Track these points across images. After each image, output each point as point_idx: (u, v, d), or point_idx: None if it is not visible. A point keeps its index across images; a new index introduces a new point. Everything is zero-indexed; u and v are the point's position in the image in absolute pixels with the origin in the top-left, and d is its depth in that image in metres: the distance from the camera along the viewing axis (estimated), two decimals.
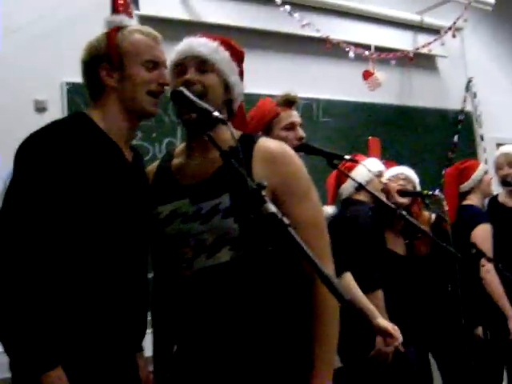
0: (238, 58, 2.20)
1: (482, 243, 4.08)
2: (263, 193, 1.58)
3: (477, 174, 4.39)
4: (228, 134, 1.88)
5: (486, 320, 4.07)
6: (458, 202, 4.39)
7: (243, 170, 1.68)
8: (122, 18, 2.18)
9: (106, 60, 2.08)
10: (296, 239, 1.48)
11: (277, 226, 1.51)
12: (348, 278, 3.41)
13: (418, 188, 4.09)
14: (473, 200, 4.37)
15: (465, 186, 4.39)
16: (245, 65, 2.27)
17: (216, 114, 1.83)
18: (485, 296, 4.09)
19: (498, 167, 4.55)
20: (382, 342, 3.45)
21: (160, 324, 2.30)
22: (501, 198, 4.65)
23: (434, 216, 4.14)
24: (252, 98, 2.90)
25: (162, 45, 2.17)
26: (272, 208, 1.54)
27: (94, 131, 2.04)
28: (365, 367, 3.59)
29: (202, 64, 2.08)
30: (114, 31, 2.11)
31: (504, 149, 4.70)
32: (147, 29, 2.17)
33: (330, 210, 3.83)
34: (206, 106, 1.86)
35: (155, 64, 2.11)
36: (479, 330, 4.06)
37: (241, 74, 2.21)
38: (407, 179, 4.04)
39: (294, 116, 3.06)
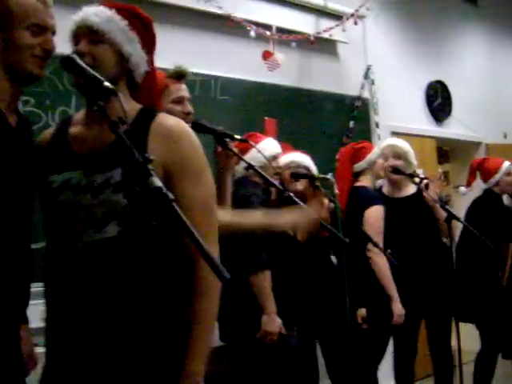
0: (141, 25, 2.12)
1: (373, 224, 4.17)
2: (150, 166, 1.56)
3: (371, 156, 4.45)
4: (129, 106, 1.85)
5: (370, 302, 4.17)
6: (350, 182, 4.44)
7: (130, 143, 1.65)
8: None
9: None
10: (180, 215, 1.46)
11: (161, 200, 1.49)
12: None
13: (314, 170, 4.11)
14: (365, 181, 4.44)
15: (358, 166, 4.46)
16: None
17: (106, 84, 1.78)
18: (371, 278, 4.18)
19: (384, 158, 4.61)
20: (268, 322, 3.48)
21: (51, 295, 2.23)
22: (384, 189, 4.76)
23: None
24: None
25: (51, 9, 2.09)
26: (157, 182, 1.52)
27: None
28: (247, 347, 3.62)
29: (93, 34, 2.01)
30: None
31: (390, 141, 4.87)
32: None
33: None
34: (96, 75, 1.81)
35: (42, 29, 2.04)
36: (362, 312, 4.14)
37: (145, 42, 2.13)
38: (299, 167, 4.05)
39: (183, 90, 3.03)
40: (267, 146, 3.70)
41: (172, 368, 1.92)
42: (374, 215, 4.22)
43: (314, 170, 4.11)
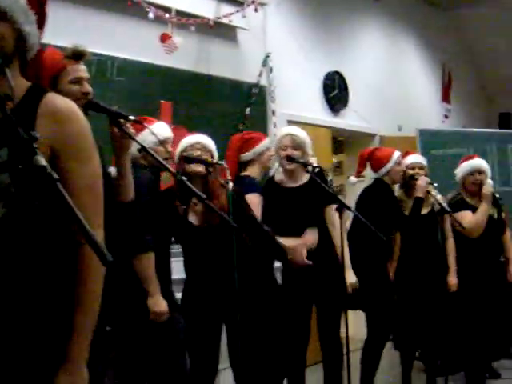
0: (37, 4, 2.04)
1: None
2: (35, 145, 1.53)
3: (259, 147, 4.46)
4: (17, 84, 1.80)
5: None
6: (237, 171, 4.45)
7: (16, 120, 1.61)
8: None
9: None
10: (64, 196, 1.44)
11: (45, 180, 1.47)
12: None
13: (216, 155, 4.11)
14: (251, 171, 4.44)
15: (245, 156, 4.46)
16: None
17: None
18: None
19: (282, 148, 4.58)
20: (153, 303, 3.48)
21: None
22: (277, 178, 4.74)
23: None
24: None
25: None
26: (42, 161, 1.48)
27: None
28: (133, 330, 3.61)
29: None
30: None
31: (289, 130, 4.76)
32: None
33: (114, 171, 3.78)
34: None
35: None
36: None
37: (39, 21, 2.04)
38: (204, 148, 4.03)
39: (82, 71, 2.98)
40: (158, 130, 3.67)
41: (55, 353, 1.89)
42: (251, 202, 4.22)
43: (216, 153, 4.10)
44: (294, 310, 4.39)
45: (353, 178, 5.46)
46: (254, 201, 4.27)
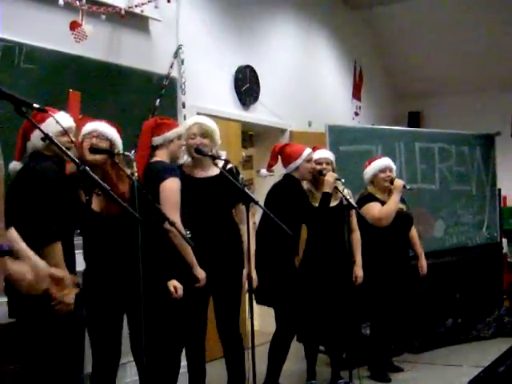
0: None
1: (169, 196, 4.19)
2: None
3: (170, 134, 4.43)
4: None
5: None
6: (149, 155, 4.41)
7: None
8: None
9: None
10: None
11: None
12: (11, 231, 3.36)
13: (119, 143, 4.07)
14: (161, 157, 4.40)
15: (155, 140, 4.41)
16: None
17: None
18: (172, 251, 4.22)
19: (190, 137, 4.63)
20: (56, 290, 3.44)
21: None
22: (186, 169, 4.75)
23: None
24: None
25: None
26: None
27: None
28: (36, 322, 3.56)
29: None
30: None
31: (197, 119, 4.81)
32: None
33: (16, 165, 3.72)
34: None
35: None
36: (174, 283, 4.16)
37: None
38: (101, 136, 4.00)
39: None
40: (60, 120, 3.61)
41: None
42: (169, 187, 4.22)
43: (118, 141, 4.07)
44: (192, 302, 4.40)
45: (264, 171, 5.52)
46: (175, 186, 4.27)
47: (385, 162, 6.03)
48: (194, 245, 4.10)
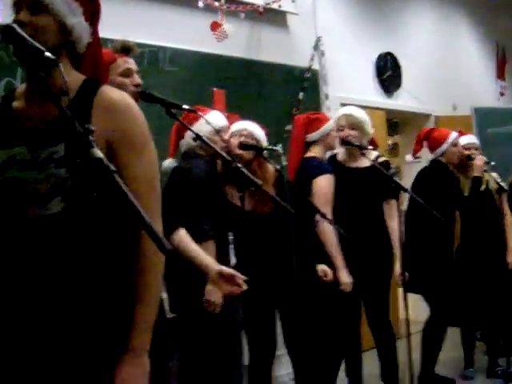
0: None
1: (321, 193, 4.18)
2: (91, 137, 1.53)
3: (326, 127, 4.45)
4: (71, 78, 1.81)
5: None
6: (302, 152, 4.43)
7: (72, 114, 1.61)
8: None
9: None
10: (121, 187, 1.44)
11: (102, 172, 1.47)
12: (181, 232, 3.43)
13: (264, 141, 4.11)
14: (315, 152, 4.42)
15: (311, 136, 4.44)
16: None
17: (47, 54, 1.72)
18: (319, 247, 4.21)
19: (339, 128, 4.59)
20: (211, 291, 3.49)
21: None
22: (340, 157, 4.74)
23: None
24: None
25: None
26: (99, 153, 1.49)
27: None
28: (194, 318, 3.63)
29: (35, 4, 1.94)
30: None
31: (345, 110, 4.76)
32: None
33: (170, 163, 3.81)
34: (37, 45, 1.75)
35: None
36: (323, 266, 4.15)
37: (90, 13, 2.07)
38: (250, 135, 4.04)
39: (131, 63, 3.03)
40: (213, 119, 3.68)
41: (117, 343, 1.91)
42: (323, 184, 4.23)
43: (264, 140, 4.10)
44: (345, 295, 4.36)
45: (409, 157, 5.43)
46: (327, 182, 4.27)
47: None
48: (345, 234, 4.06)
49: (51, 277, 1.88)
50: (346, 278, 4.25)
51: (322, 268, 4.18)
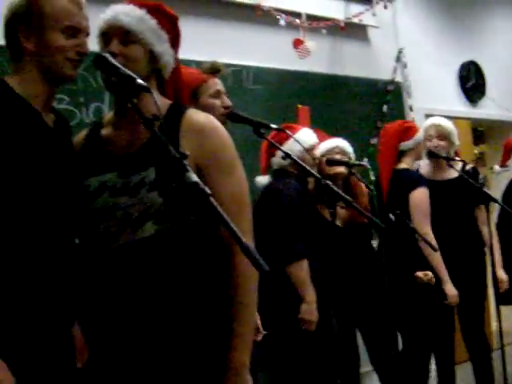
0: (169, 23, 2.14)
1: (420, 206, 4.13)
2: (185, 162, 1.57)
3: (419, 136, 4.41)
4: (159, 103, 1.85)
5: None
6: (393, 163, 4.36)
7: (165, 139, 1.65)
8: None
9: (25, 22, 2.01)
10: (218, 209, 1.46)
11: (198, 195, 1.49)
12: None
13: (353, 157, 4.11)
14: (407, 163, 4.37)
15: (405, 145, 4.37)
16: None
17: (140, 81, 1.78)
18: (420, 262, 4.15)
19: (427, 138, 4.52)
20: (306, 310, 3.52)
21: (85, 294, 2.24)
22: (423, 171, 4.65)
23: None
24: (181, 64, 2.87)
25: (85, 10, 2.09)
26: (194, 177, 1.52)
27: (9, 96, 1.98)
28: (288, 335, 3.65)
29: (126, 35, 2.02)
30: None
31: (434, 120, 4.68)
32: None
33: (262, 180, 3.86)
34: (129, 72, 1.81)
35: (75, 31, 2.04)
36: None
37: (173, 39, 2.14)
38: (342, 152, 4.05)
39: (219, 84, 3.06)
40: (303, 137, 3.71)
41: (216, 362, 1.94)
42: (420, 197, 4.16)
43: (353, 156, 4.10)
44: (438, 307, 4.29)
45: (497, 167, 5.32)
46: (424, 195, 4.22)
47: None
48: (437, 249, 4.01)
49: (147, 299, 1.92)
50: (452, 290, 4.18)
51: (420, 272, 4.11)
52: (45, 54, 2.02)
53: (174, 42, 2.16)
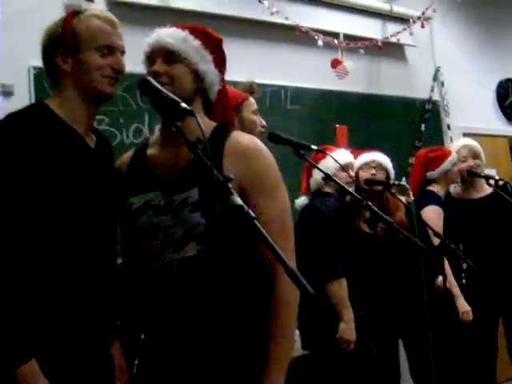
0: (213, 45, 2.17)
1: (430, 221, 4.11)
2: (230, 185, 1.59)
3: (444, 166, 4.42)
4: (204, 125, 1.86)
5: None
6: (421, 187, 4.42)
7: (210, 162, 1.68)
8: (81, 2, 2.15)
9: (61, 45, 2.08)
10: (262, 232, 1.48)
11: (243, 218, 1.51)
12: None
13: (392, 172, 4.11)
14: (436, 188, 4.42)
15: (431, 175, 4.44)
16: None
17: (183, 105, 1.81)
18: None
19: (461, 160, 4.57)
20: (344, 329, 3.52)
21: (127, 313, 2.28)
22: (453, 191, 4.72)
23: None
24: None
25: (118, 30, 2.15)
26: (238, 200, 1.54)
27: (52, 120, 2.03)
28: (327, 355, 3.65)
29: (169, 55, 2.07)
30: (71, 15, 2.10)
31: (465, 141, 4.77)
32: (104, 13, 2.16)
33: (301, 200, 3.89)
34: (172, 96, 1.84)
35: (110, 49, 2.10)
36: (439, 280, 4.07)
37: (217, 60, 2.17)
38: (379, 166, 4.06)
39: (255, 104, 3.11)
40: (339, 156, 3.73)
41: (252, 382, 1.94)
42: (427, 215, 4.15)
43: (392, 171, 4.11)
44: (480, 324, 4.26)
45: None
46: (434, 212, 4.23)
47: None
48: (475, 268, 3.98)
49: (189, 319, 1.95)
50: (465, 306, 4.14)
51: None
52: (82, 73, 2.07)
53: (219, 62, 2.19)
